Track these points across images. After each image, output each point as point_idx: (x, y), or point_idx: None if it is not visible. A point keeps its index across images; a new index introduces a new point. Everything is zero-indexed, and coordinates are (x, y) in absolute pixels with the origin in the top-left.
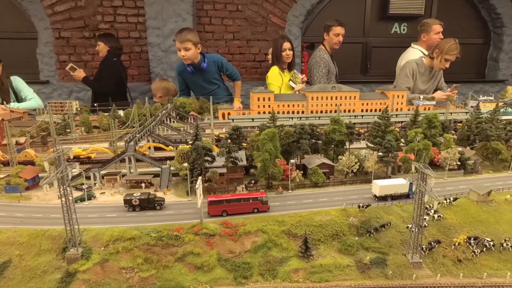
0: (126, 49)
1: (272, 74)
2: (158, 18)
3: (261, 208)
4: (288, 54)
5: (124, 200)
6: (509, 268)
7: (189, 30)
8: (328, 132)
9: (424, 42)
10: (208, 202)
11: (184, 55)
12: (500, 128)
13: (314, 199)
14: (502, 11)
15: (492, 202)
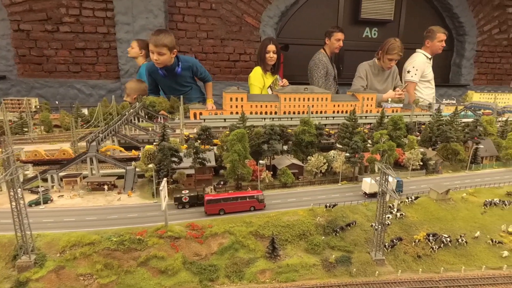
0: (93, 44)
1: (254, 75)
2: (127, 13)
3: (257, 206)
4: (271, 57)
5: (174, 198)
6: (464, 262)
7: (166, 33)
8: (298, 133)
9: (428, 47)
10: (205, 201)
11: (157, 59)
12: (459, 130)
13: (282, 200)
14: (464, 20)
15: (450, 200)
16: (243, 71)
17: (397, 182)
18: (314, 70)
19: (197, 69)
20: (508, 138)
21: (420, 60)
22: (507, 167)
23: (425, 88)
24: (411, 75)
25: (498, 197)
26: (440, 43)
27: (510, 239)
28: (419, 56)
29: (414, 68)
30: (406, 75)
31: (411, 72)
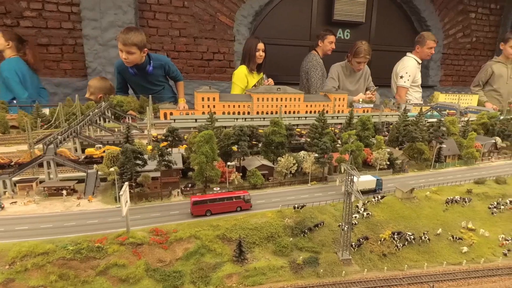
0: (58, 40)
1: (238, 74)
2: (95, 9)
3: (244, 206)
4: (261, 55)
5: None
6: (427, 259)
7: (136, 32)
8: (268, 134)
9: (418, 53)
10: (191, 202)
11: (126, 58)
12: (424, 130)
13: (252, 201)
14: (431, 23)
15: (415, 198)
16: (217, 70)
17: (377, 180)
18: (312, 72)
19: (169, 67)
20: (468, 138)
21: (412, 66)
22: (468, 165)
23: (414, 92)
24: (403, 81)
25: (459, 195)
26: (429, 50)
27: (470, 235)
28: (410, 61)
29: (407, 74)
30: (399, 80)
31: (404, 77)
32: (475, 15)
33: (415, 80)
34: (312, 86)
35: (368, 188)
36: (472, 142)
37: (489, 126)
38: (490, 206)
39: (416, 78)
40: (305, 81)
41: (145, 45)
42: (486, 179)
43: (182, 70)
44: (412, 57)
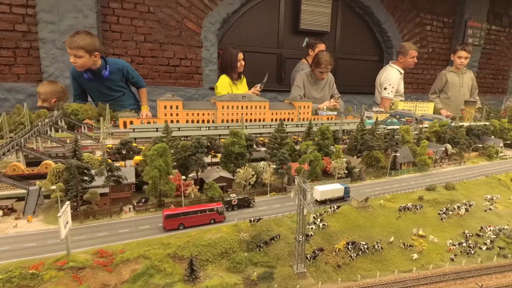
0: (10, 43)
1: (222, 84)
2: (52, 11)
3: (217, 218)
4: (242, 64)
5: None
6: (379, 268)
7: (84, 35)
8: (227, 144)
9: (401, 63)
10: (164, 216)
11: (74, 62)
12: (380, 139)
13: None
14: (391, 34)
15: (369, 207)
16: (184, 76)
17: (345, 188)
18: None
19: (128, 72)
20: (421, 146)
21: (395, 77)
22: (421, 172)
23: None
24: (387, 92)
25: (411, 202)
26: (412, 59)
27: (420, 242)
28: (393, 72)
29: (390, 85)
30: (383, 91)
31: (388, 89)
32: (430, 28)
33: (398, 90)
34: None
35: (337, 196)
36: (425, 150)
37: (441, 133)
38: (440, 212)
39: (399, 88)
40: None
41: (96, 48)
42: (436, 185)
43: (147, 76)
44: (395, 68)
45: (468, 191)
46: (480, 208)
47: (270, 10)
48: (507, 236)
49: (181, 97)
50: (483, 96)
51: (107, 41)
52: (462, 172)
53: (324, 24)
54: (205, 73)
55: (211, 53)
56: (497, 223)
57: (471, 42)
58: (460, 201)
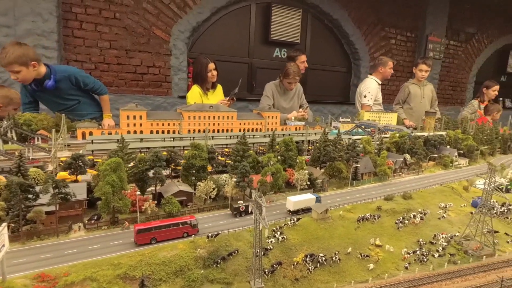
0: None
1: (192, 95)
2: (8, 14)
3: (190, 232)
4: (213, 75)
5: (233, 208)
6: (337, 279)
7: (12, 47)
8: (188, 157)
9: (380, 73)
10: (135, 230)
11: (16, 78)
12: (342, 150)
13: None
14: (359, 47)
15: (329, 218)
16: (152, 84)
17: (316, 198)
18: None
19: (77, 80)
20: (381, 156)
21: (374, 86)
22: (382, 181)
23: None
24: (367, 99)
25: (370, 212)
26: (390, 70)
27: (377, 251)
28: (372, 82)
29: (369, 93)
30: (363, 99)
31: (367, 96)
32: (395, 41)
33: (377, 99)
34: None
35: (309, 206)
36: (384, 160)
37: (400, 144)
38: (397, 222)
39: (377, 97)
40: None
41: (30, 58)
42: (394, 195)
43: (113, 84)
44: (373, 79)
45: (424, 199)
46: (435, 216)
47: (241, 20)
48: (458, 243)
49: (149, 106)
50: (443, 106)
51: (69, 47)
52: (420, 181)
53: (294, 35)
54: (174, 82)
55: (181, 62)
56: (449, 231)
57: (432, 56)
58: (416, 210)
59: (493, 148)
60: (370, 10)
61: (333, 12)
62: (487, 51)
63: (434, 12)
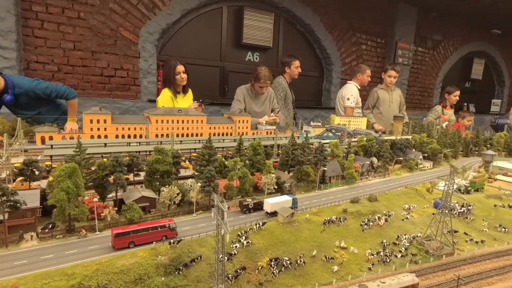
0: None
1: (162, 98)
2: None
3: (169, 235)
4: (182, 77)
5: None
6: (301, 282)
7: None
8: (151, 162)
9: (359, 80)
10: (113, 235)
11: None
12: (310, 154)
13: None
14: (330, 52)
15: (295, 222)
16: (120, 88)
17: (293, 199)
18: (274, 92)
19: (36, 93)
20: (348, 160)
21: (355, 90)
22: (349, 184)
23: (357, 114)
24: (350, 102)
25: (337, 215)
26: (368, 78)
27: (341, 253)
28: (353, 86)
29: (352, 96)
30: (346, 101)
31: (350, 99)
32: (365, 47)
33: (358, 103)
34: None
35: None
36: (351, 163)
37: (368, 147)
38: (362, 224)
39: (358, 101)
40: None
41: None
42: (360, 198)
43: (78, 87)
44: (353, 84)
45: (389, 202)
46: (399, 218)
47: (212, 23)
48: (419, 243)
49: (117, 110)
50: (412, 111)
51: (29, 47)
52: (386, 184)
53: (266, 40)
54: (143, 85)
55: (150, 64)
56: (412, 231)
57: (401, 62)
58: (381, 212)
59: (456, 151)
60: (341, 16)
61: (305, 17)
62: (453, 58)
63: (402, 19)
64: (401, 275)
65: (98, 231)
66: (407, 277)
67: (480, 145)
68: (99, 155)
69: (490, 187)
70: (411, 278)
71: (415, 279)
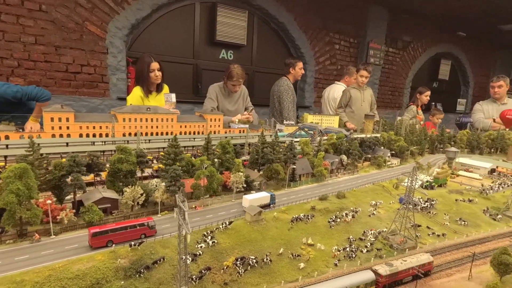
0: None
1: (132, 96)
2: None
3: (148, 233)
4: (157, 75)
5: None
6: (267, 280)
7: None
8: (113, 162)
9: (347, 81)
10: (91, 234)
11: None
12: (280, 152)
13: (81, 243)
14: (304, 51)
15: (263, 220)
16: (87, 85)
17: (271, 196)
18: (284, 95)
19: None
20: (318, 158)
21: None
22: (319, 182)
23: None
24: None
25: (305, 212)
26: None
27: (308, 250)
28: (341, 87)
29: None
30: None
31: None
32: (338, 47)
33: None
34: (284, 109)
35: (264, 204)
36: (321, 161)
37: (338, 145)
38: (330, 220)
39: None
40: (277, 105)
41: None
42: (328, 195)
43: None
44: (340, 84)
45: (357, 198)
46: (366, 214)
47: (184, 19)
48: (384, 238)
49: (83, 108)
50: (383, 110)
51: None
52: (354, 181)
53: (240, 37)
54: (112, 82)
55: (119, 61)
56: (378, 227)
57: (373, 62)
58: (348, 209)
59: (422, 149)
60: (315, 16)
61: (279, 16)
62: (422, 58)
63: (374, 20)
64: (419, 255)
65: (54, 235)
66: (424, 256)
67: (444, 142)
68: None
69: (453, 183)
70: (427, 257)
71: (430, 257)
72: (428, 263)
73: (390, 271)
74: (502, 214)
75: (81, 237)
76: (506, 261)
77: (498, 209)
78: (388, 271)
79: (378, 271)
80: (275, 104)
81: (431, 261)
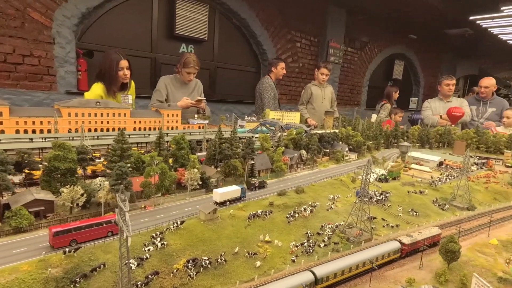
0: None
1: (92, 94)
2: None
3: (116, 231)
4: (126, 74)
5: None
6: (221, 281)
7: None
8: (49, 159)
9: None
10: (52, 233)
11: None
12: (238, 147)
13: (4, 253)
14: (266, 48)
15: (218, 219)
16: (30, 77)
17: (241, 189)
18: (265, 93)
19: None
20: (277, 153)
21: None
22: (278, 177)
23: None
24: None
25: (263, 208)
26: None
27: (265, 248)
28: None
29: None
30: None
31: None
32: (300, 45)
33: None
34: (266, 105)
35: (235, 197)
36: (280, 157)
37: (297, 140)
38: (288, 216)
39: None
40: (259, 102)
41: None
42: (287, 190)
43: None
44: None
45: (316, 193)
46: (324, 208)
47: (141, 10)
48: (341, 231)
49: (26, 102)
50: (343, 107)
51: None
52: (313, 176)
53: (201, 32)
54: (60, 75)
55: (67, 52)
56: (336, 220)
57: (333, 60)
58: (307, 203)
59: (378, 143)
60: (277, 13)
61: (241, 11)
62: (378, 58)
63: (333, 20)
64: (430, 228)
65: None
66: (435, 229)
67: (398, 137)
68: None
69: (406, 175)
70: (437, 230)
71: (439, 230)
72: (438, 234)
73: (411, 240)
74: (449, 204)
75: (7, 245)
76: (453, 248)
77: (446, 199)
78: (410, 240)
79: (402, 240)
80: (258, 101)
81: (439, 233)
